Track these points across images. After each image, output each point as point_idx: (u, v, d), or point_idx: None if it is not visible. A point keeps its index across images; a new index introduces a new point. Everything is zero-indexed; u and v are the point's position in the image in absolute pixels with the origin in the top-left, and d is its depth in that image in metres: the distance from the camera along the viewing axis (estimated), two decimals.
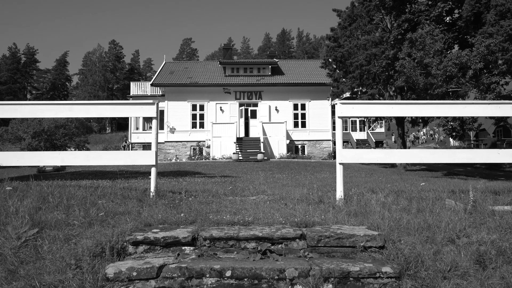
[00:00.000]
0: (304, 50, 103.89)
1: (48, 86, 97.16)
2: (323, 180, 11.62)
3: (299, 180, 12.26)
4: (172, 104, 28.79)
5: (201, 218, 3.61)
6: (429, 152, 4.57)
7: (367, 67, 18.69)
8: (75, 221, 3.57)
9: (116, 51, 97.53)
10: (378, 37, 19.14)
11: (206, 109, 28.76)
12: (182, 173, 16.07)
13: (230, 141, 26.17)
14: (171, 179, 12.13)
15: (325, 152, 28.38)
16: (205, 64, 33.63)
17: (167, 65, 32.47)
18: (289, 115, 28.71)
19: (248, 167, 19.21)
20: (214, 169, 18.58)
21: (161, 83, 28.70)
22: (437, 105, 4.50)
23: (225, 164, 21.39)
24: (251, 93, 29.00)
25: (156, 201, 4.44)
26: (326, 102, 28.84)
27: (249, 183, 9.00)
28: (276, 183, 9.56)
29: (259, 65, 30.18)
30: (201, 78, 29.31)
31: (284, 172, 17.08)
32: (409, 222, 3.70)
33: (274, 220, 3.68)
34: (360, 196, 4.80)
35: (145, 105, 4.56)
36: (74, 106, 4.45)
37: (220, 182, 9.71)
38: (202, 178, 12.43)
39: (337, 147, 4.71)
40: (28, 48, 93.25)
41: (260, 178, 11.42)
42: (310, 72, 30.64)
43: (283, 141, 27.00)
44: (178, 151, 28.38)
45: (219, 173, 16.24)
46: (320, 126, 28.65)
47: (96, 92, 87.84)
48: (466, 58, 11.31)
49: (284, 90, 28.96)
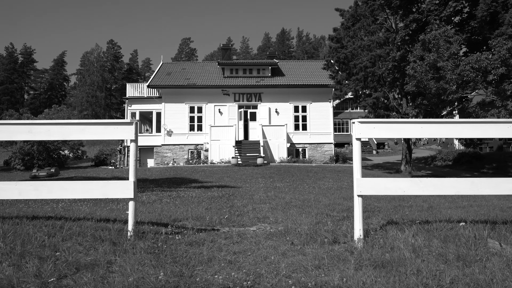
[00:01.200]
0: (304, 50, 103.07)
1: (46, 86, 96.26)
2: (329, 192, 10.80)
3: (302, 192, 11.44)
4: (169, 106, 27.97)
5: (186, 282, 2.77)
6: (468, 183, 3.75)
7: (372, 69, 17.88)
8: (23, 285, 2.74)
9: (114, 51, 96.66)
10: (383, 38, 18.32)
11: (204, 111, 27.94)
12: (177, 181, 15.24)
13: (229, 145, 25.36)
14: (164, 191, 11.30)
15: (326, 156, 27.57)
16: (203, 65, 32.79)
17: (164, 66, 31.64)
18: (289, 118, 27.90)
19: (247, 173, 18.40)
20: (212, 175, 17.77)
21: (158, 84, 27.86)
22: (481, 124, 3.68)
23: (223, 169, 20.58)
24: (251, 94, 28.19)
25: (134, 243, 3.61)
26: (328, 104, 28.04)
27: (249, 200, 8.18)
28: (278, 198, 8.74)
29: (258, 66, 29.34)
30: (199, 80, 28.48)
31: (285, 179, 16.27)
32: (454, 281, 2.88)
33: (281, 280, 2.85)
34: (383, 233, 3.98)
35: (122, 125, 3.73)
36: (33, 127, 3.62)
37: (217, 197, 8.89)
38: (198, 189, 11.61)
39: (355, 174, 3.90)
40: (25, 48, 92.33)
41: (260, 191, 10.60)
42: (311, 73, 29.82)
43: (283, 144, 26.19)
44: (175, 154, 27.56)
45: (217, 181, 15.42)
46: (322, 129, 27.84)
47: (94, 93, 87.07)
48: (486, 62, 10.45)
49: (284, 91, 28.15)
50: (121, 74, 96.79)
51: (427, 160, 29.43)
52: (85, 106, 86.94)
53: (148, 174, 18.69)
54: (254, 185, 13.64)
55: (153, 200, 8.80)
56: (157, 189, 11.98)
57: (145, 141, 28.78)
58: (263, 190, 10.95)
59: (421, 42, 10.80)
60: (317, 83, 27.69)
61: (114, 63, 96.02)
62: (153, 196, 9.65)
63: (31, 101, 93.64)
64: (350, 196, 8.42)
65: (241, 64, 29.88)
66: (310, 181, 15.69)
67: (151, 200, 8.78)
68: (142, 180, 16.24)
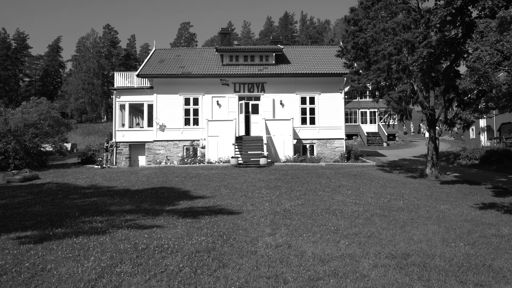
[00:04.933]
0: (308, 34, 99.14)
1: (41, 73, 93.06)
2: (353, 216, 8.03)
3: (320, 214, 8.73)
4: (162, 97, 25.08)
5: None
6: None
7: (397, 57, 14.91)
8: None
9: (111, 36, 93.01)
10: (410, 20, 15.30)
11: (201, 103, 25.05)
12: (162, 197, 12.49)
13: (228, 141, 22.56)
14: (135, 226, 8.49)
15: (337, 153, 24.76)
16: (200, 52, 29.66)
17: (157, 53, 28.60)
18: (296, 110, 24.99)
19: (249, 180, 15.66)
20: (207, 184, 15.04)
21: (149, 73, 24.87)
22: None
23: (221, 173, 17.83)
24: (253, 84, 25.23)
25: None
26: (339, 95, 25.09)
27: (250, 257, 5.45)
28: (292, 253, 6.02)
29: (261, 53, 26.27)
30: (195, 68, 25.48)
31: (295, 189, 13.53)
32: None
33: None
34: None
35: None
36: None
37: (203, 251, 6.17)
38: (182, 219, 8.87)
39: None
40: (18, 33, 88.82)
41: (266, 228, 7.85)
42: (320, 60, 26.76)
43: (289, 141, 23.36)
44: (169, 151, 24.80)
45: (212, 196, 12.68)
46: (332, 123, 24.95)
47: (90, 80, 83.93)
48: None
49: (290, 81, 25.18)
50: (118, 60, 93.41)
51: (448, 157, 26.54)
52: (81, 93, 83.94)
53: (132, 182, 15.96)
54: (257, 206, 10.89)
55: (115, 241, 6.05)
56: (130, 218, 9.26)
57: (136, 136, 26.05)
58: (269, 226, 8.17)
59: (500, 19, 7.91)
60: (327, 72, 24.69)
61: (111, 49, 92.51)
62: (118, 233, 6.88)
63: (26, 89, 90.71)
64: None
65: (242, 50, 26.80)
66: (324, 194, 12.93)
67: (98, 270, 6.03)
68: (123, 192, 13.53)
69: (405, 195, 13.11)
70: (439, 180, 17.38)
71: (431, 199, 12.61)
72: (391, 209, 10.57)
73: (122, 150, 25.73)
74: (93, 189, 14.52)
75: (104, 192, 13.66)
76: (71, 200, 12.33)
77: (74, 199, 12.51)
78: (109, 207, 10.77)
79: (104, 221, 8.84)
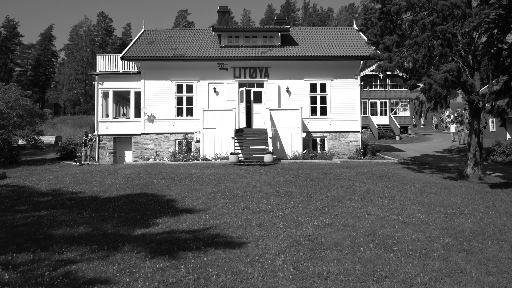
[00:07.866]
0: (310, 22, 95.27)
1: (33, 62, 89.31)
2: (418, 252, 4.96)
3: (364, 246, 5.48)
4: (150, 84, 21.75)
5: None
6: None
7: (443, 27, 11.60)
8: None
9: (105, 24, 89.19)
10: None
11: (196, 90, 21.72)
12: (133, 211, 9.23)
13: (227, 134, 19.30)
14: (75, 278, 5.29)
15: (351, 148, 21.51)
16: (195, 33, 26.20)
17: (146, 34, 25.16)
18: (304, 99, 21.66)
19: (252, 184, 12.43)
20: (200, 188, 11.81)
21: (136, 56, 21.46)
22: None
23: (218, 173, 14.59)
24: (255, 69, 21.88)
25: None
26: (354, 81, 21.76)
27: None
28: None
29: (265, 33, 22.86)
30: (189, 50, 22.09)
31: (313, 197, 10.30)
32: None
33: None
34: None
35: None
36: None
37: None
38: (150, 260, 5.63)
39: None
40: (8, 21, 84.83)
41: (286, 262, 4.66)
42: (331, 42, 23.38)
43: (297, 134, 20.10)
44: (159, 146, 21.54)
45: (203, 207, 9.46)
46: (345, 114, 21.65)
47: (83, 69, 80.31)
48: None
49: (298, 65, 21.81)
50: (113, 49, 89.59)
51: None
52: (75, 84, 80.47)
53: (106, 185, 12.72)
54: (267, 227, 7.67)
55: None
56: (68, 258, 6.06)
57: (121, 128, 22.76)
58: (292, 279, 4.99)
59: None
60: (341, 54, 21.33)
61: (106, 38, 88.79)
62: None
63: (18, 79, 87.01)
64: None
65: (242, 29, 23.41)
66: (354, 205, 9.71)
67: None
68: (87, 201, 10.29)
69: (460, 206, 9.89)
70: (484, 182, 14.18)
71: (498, 212, 9.40)
72: (464, 235, 7.32)
73: (106, 144, 22.47)
74: (52, 195, 11.29)
75: (63, 201, 10.43)
76: (13, 213, 9.11)
77: (19, 211, 9.30)
78: (54, 230, 7.55)
79: (22, 266, 5.61)
